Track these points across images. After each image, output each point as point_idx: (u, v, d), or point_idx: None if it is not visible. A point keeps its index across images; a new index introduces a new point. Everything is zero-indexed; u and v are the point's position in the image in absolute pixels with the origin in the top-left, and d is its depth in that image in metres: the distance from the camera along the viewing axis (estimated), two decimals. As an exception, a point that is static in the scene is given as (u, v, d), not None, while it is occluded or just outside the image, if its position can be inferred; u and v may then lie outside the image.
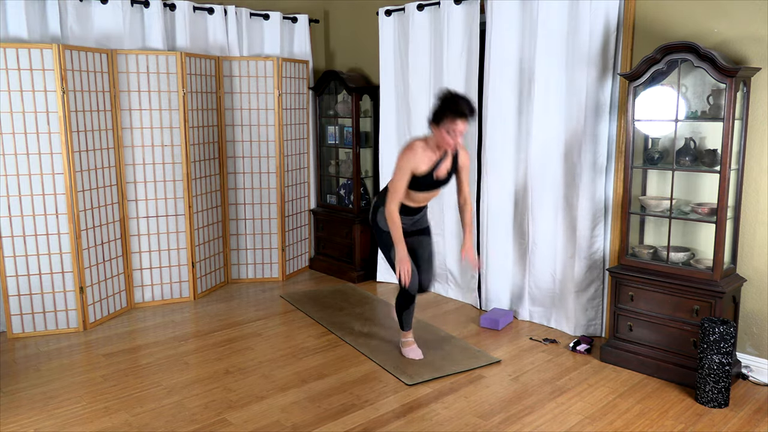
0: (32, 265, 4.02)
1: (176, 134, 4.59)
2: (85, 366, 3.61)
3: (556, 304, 4.13)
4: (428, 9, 4.65)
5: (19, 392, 3.27)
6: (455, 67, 4.50)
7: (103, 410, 3.08)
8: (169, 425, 2.93)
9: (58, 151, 3.97)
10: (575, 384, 3.34)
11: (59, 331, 4.12)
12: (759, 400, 3.14)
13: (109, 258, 4.37)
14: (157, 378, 3.44)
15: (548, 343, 3.91)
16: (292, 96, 5.28)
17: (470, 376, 3.46)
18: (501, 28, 4.17)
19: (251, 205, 5.22)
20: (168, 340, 4.01)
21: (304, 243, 5.68)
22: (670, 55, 3.22)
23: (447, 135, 3.19)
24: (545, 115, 4.00)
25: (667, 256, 3.41)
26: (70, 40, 4.25)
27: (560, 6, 3.86)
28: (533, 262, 4.20)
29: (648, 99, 3.40)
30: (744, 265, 3.38)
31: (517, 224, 4.32)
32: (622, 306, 3.53)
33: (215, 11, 5.00)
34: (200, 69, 4.75)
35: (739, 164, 3.30)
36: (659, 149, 3.50)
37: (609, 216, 3.87)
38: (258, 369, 3.55)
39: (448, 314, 4.47)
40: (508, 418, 2.99)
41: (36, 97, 3.89)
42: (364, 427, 2.91)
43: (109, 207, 4.35)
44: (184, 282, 4.79)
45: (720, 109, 3.20)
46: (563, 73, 3.91)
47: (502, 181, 4.33)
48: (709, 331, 3.01)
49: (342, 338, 3.99)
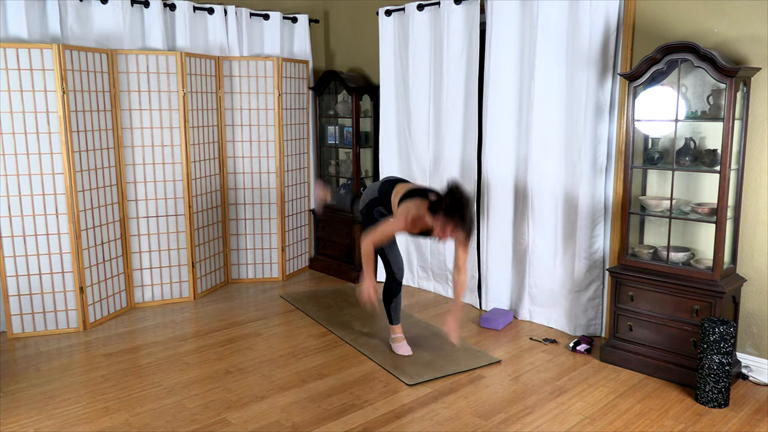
0: (32, 265, 4.02)
1: (176, 134, 4.59)
2: (85, 366, 3.61)
3: (556, 304, 4.13)
4: (428, 9, 4.65)
5: (19, 392, 3.27)
6: (455, 67, 4.51)
7: (103, 410, 3.08)
8: (169, 425, 2.93)
9: (58, 151, 3.97)
10: (575, 384, 3.34)
11: (59, 331, 4.12)
12: (759, 400, 3.14)
13: (109, 258, 4.37)
14: (157, 378, 3.44)
15: (548, 343, 3.91)
16: (292, 96, 5.28)
17: (470, 376, 3.46)
18: (501, 28, 4.17)
19: (251, 205, 5.22)
20: (168, 340, 4.01)
21: (304, 243, 5.68)
22: (670, 55, 3.22)
23: (440, 230, 3.09)
24: (545, 115, 4.00)
25: (667, 256, 3.40)
26: (70, 40, 4.25)
27: (560, 6, 3.85)
28: (533, 262, 4.20)
29: (648, 99, 3.39)
30: (744, 265, 3.38)
31: (517, 224, 4.32)
32: (622, 306, 3.53)
33: (215, 11, 5.00)
34: (200, 69, 4.75)
35: (739, 164, 3.30)
36: (659, 149, 3.50)
37: (609, 216, 3.87)
38: (258, 369, 3.55)
39: (449, 314, 4.45)
40: (508, 418, 2.99)
41: (36, 97, 3.90)
42: (364, 427, 2.91)
43: (109, 207, 4.35)
44: (184, 282, 4.79)
45: (720, 109, 3.20)
46: (563, 73, 3.91)
47: (502, 181, 4.33)
48: (709, 331, 3.01)
49: (342, 338, 4.00)
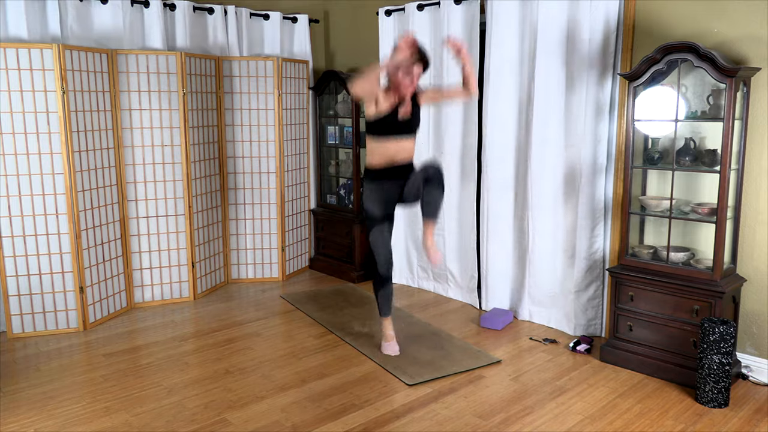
0: (32, 265, 4.02)
1: (176, 134, 4.59)
2: (85, 366, 3.61)
3: (556, 304, 4.13)
4: (428, 9, 4.65)
5: (19, 392, 3.27)
6: (455, 67, 4.50)
7: (103, 410, 3.08)
8: (169, 425, 2.93)
9: (58, 151, 3.97)
10: (575, 384, 3.34)
11: (59, 331, 4.12)
12: (759, 400, 3.14)
13: (109, 258, 4.37)
14: (157, 378, 3.44)
15: (548, 343, 3.91)
16: (292, 96, 5.28)
17: (470, 376, 3.46)
18: (501, 28, 4.17)
19: (251, 205, 5.22)
20: (168, 340, 4.01)
21: (304, 243, 5.68)
22: (670, 55, 3.22)
23: (405, 78, 3.28)
24: (545, 115, 4.00)
25: (667, 256, 3.40)
26: (70, 40, 4.24)
27: (560, 6, 3.85)
28: (533, 262, 4.20)
29: (648, 99, 3.39)
30: (744, 265, 3.38)
31: (517, 224, 4.32)
32: (622, 306, 3.53)
33: (215, 11, 5.00)
34: (200, 69, 4.75)
35: (739, 164, 3.30)
36: (659, 149, 3.50)
37: (609, 216, 3.87)
38: (258, 369, 3.55)
39: (448, 314, 4.47)
40: (508, 418, 2.99)
41: (36, 97, 3.89)
42: (364, 427, 2.91)
43: (109, 207, 4.35)
44: (184, 282, 4.79)
45: (720, 109, 3.20)
46: (563, 73, 3.91)
47: (502, 181, 4.33)
48: (709, 331, 3.01)
49: (342, 338, 3.99)
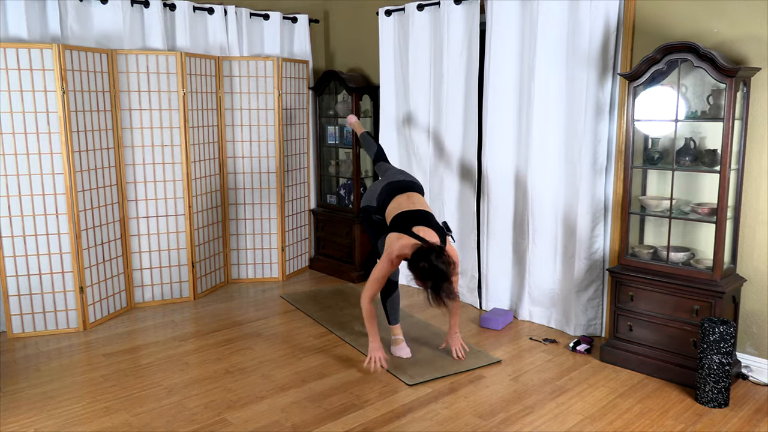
0: (32, 265, 4.02)
1: (176, 134, 4.59)
2: (85, 366, 3.61)
3: (556, 304, 4.13)
4: (428, 9, 4.65)
5: (19, 392, 3.27)
6: (455, 67, 4.51)
7: (103, 410, 3.08)
8: (169, 425, 2.93)
9: (58, 151, 3.97)
10: (575, 384, 3.34)
11: (59, 331, 4.12)
12: (759, 400, 3.14)
13: (109, 258, 4.37)
14: (157, 378, 3.44)
15: (548, 343, 3.91)
16: (292, 96, 5.28)
17: (470, 376, 3.46)
18: (501, 28, 4.17)
19: (251, 205, 5.22)
20: (168, 340, 4.01)
21: (304, 243, 5.68)
22: (670, 55, 3.22)
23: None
24: (545, 115, 4.00)
25: (667, 256, 3.40)
26: (70, 40, 4.24)
27: (560, 6, 3.85)
28: (533, 262, 4.20)
29: (648, 99, 3.39)
30: (744, 265, 3.38)
31: (517, 224, 4.32)
32: (622, 306, 3.53)
33: (215, 11, 4.99)
34: (200, 69, 4.74)
35: (739, 164, 3.30)
36: (659, 149, 3.50)
37: (609, 216, 3.87)
38: (258, 369, 3.55)
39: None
40: (508, 418, 2.99)
41: (36, 97, 3.89)
42: (364, 427, 2.91)
43: (109, 207, 4.35)
44: (184, 282, 4.79)
45: (720, 109, 3.20)
46: (563, 73, 3.91)
47: (502, 181, 4.33)
48: (709, 331, 3.01)
49: (342, 338, 4.00)
